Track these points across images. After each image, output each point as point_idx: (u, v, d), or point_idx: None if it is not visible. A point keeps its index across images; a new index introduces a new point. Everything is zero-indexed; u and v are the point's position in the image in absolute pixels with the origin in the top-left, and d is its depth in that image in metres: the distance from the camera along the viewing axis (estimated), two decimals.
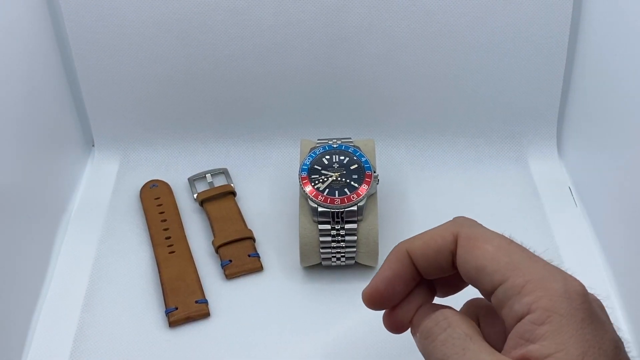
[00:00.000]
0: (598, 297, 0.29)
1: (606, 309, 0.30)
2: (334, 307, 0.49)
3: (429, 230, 0.33)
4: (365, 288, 0.34)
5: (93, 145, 0.63)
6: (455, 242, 0.31)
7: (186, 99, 0.60)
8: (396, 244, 0.34)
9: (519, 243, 0.31)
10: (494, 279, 0.29)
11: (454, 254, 0.31)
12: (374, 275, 0.53)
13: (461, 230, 0.31)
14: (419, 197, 0.58)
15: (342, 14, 0.56)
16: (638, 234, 0.47)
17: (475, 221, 0.32)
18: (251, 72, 0.58)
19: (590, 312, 0.27)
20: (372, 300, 0.34)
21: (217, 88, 0.59)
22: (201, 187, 0.59)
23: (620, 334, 0.45)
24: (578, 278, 0.53)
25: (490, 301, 0.30)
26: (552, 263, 0.30)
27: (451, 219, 0.34)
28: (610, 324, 0.28)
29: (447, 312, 0.30)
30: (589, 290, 0.29)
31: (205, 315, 0.49)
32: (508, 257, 0.29)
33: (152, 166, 0.61)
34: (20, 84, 0.51)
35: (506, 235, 0.31)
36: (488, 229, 0.31)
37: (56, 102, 0.58)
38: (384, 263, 0.34)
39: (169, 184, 0.59)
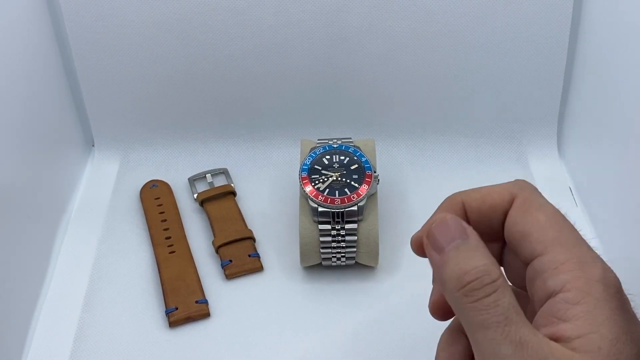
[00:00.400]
0: (631, 296, 0.29)
1: None
2: (334, 307, 0.49)
3: (488, 185, 0.32)
4: (415, 233, 0.33)
5: (93, 145, 0.63)
6: (512, 202, 0.31)
7: (186, 99, 0.60)
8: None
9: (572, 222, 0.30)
10: (536, 248, 0.29)
11: (506, 215, 0.31)
12: (374, 275, 0.53)
13: (520, 192, 0.31)
14: (419, 197, 0.58)
15: (342, 14, 0.56)
16: (638, 234, 0.47)
17: (536, 188, 0.32)
18: (251, 72, 0.58)
19: (624, 302, 0.27)
20: (419, 245, 0.33)
21: (217, 88, 0.59)
22: (201, 187, 0.59)
23: None
24: None
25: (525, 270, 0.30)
26: None
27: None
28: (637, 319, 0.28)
29: (493, 271, 0.28)
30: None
31: (206, 315, 0.49)
32: (557, 231, 0.29)
33: (152, 166, 0.61)
34: (20, 84, 0.51)
35: (562, 212, 0.31)
36: (545, 199, 0.31)
37: (56, 102, 0.58)
38: (436, 210, 0.34)
39: (169, 184, 0.59)
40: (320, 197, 0.48)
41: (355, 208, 0.48)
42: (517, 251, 0.30)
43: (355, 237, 0.49)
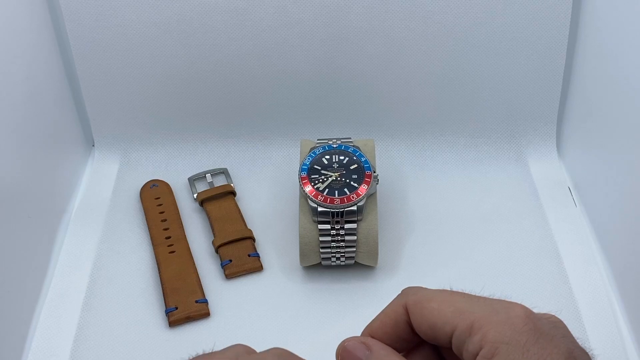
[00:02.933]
0: (553, 314, 0.31)
1: (565, 324, 0.31)
2: (334, 307, 0.49)
3: (383, 310, 0.34)
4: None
5: (93, 145, 0.63)
6: (407, 312, 0.33)
7: (186, 99, 0.60)
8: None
9: (460, 290, 0.32)
10: (446, 330, 0.30)
11: (410, 323, 0.33)
12: (373, 275, 0.53)
13: (408, 299, 0.33)
14: (419, 197, 0.58)
15: (342, 14, 0.56)
16: (638, 233, 0.47)
17: (421, 287, 0.34)
18: (251, 72, 0.58)
19: (535, 331, 0.28)
20: None
21: (217, 88, 0.59)
22: (201, 187, 0.59)
23: (619, 334, 0.45)
24: (578, 278, 0.53)
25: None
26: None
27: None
28: (565, 337, 0.29)
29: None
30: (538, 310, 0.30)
31: (205, 315, 0.49)
32: (452, 306, 0.31)
33: (152, 166, 0.61)
34: (20, 84, 0.51)
35: (447, 288, 0.33)
36: (432, 289, 0.33)
37: (56, 102, 0.58)
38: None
39: (169, 183, 0.59)
40: (319, 197, 0.48)
41: (354, 208, 0.48)
42: (438, 344, 0.32)
43: (355, 237, 0.49)
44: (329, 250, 0.49)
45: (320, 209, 0.48)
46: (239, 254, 0.53)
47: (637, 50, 0.47)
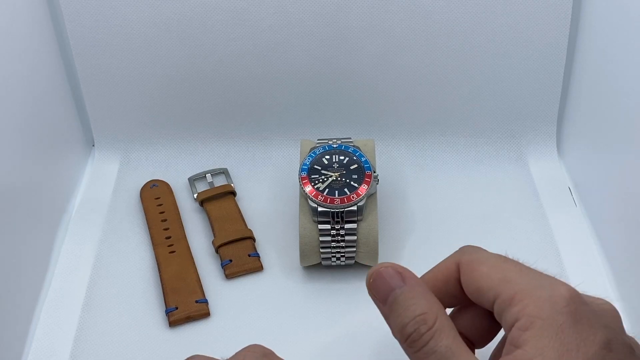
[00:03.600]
0: (608, 301, 0.30)
1: (618, 312, 0.31)
2: (334, 307, 0.49)
3: (437, 264, 0.35)
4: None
5: (93, 145, 0.63)
6: (459, 270, 0.33)
7: (186, 98, 0.60)
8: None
9: (516, 259, 0.32)
10: (490, 295, 0.31)
11: (460, 282, 0.33)
12: None
13: (462, 258, 0.33)
14: (419, 197, 0.58)
15: (342, 14, 0.56)
16: (638, 233, 0.47)
17: (479, 247, 0.34)
18: (251, 72, 0.58)
19: (575, 314, 0.28)
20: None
21: (217, 88, 0.59)
22: (201, 187, 0.59)
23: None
24: (578, 278, 0.53)
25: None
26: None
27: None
28: (607, 327, 0.29)
29: (429, 317, 0.30)
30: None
31: (206, 315, 0.49)
32: (501, 273, 0.31)
33: (152, 166, 0.61)
34: (20, 84, 0.51)
35: (503, 254, 0.33)
36: (488, 252, 0.33)
37: (56, 102, 0.58)
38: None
39: (169, 183, 0.59)
40: (319, 197, 0.48)
41: (354, 208, 0.48)
42: (482, 306, 0.32)
43: (355, 237, 0.49)
44: (329, 250, 0.49)
45: (320, 209, 0.48)
46: (239, 254, 0.53)
47: (638, 50, 0.47)
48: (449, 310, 0.35)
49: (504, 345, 0.30)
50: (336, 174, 0.50)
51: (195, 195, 0.58)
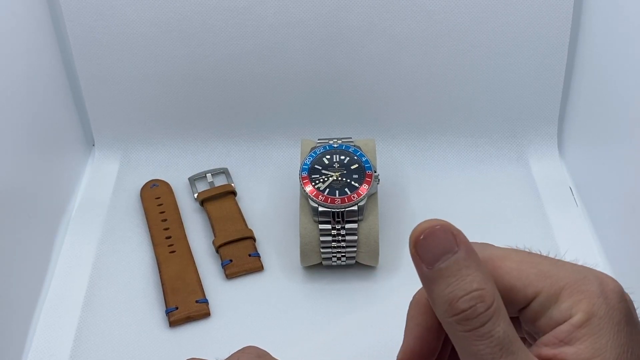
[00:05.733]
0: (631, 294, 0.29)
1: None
2: (334, 307, 0.49)
3: None
4: (399, 353, 0.31)
5: (93, 145, 0.63)
6: None
7: (187, 98, 0.60)
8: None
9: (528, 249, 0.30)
10: (527, 293, 0.28)
11: None
12: (374, 275, 0.53)
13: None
14: (420, 197, 0.58)
15: (342, 14, 0.55)
16: (638, 233, 0.47)
17: (486, 243, 0.31)
18: (252, 71, 0.58)
19: (627, 312, 0.27)
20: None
21: (217, 88, 0.59)
22: (202, 186, 0.59)
23: None
24: None
25: (517, 315, 0.29)
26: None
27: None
28: None
29: (487, 296, 0.26)
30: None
31: (206, 314, 0.49)
32: (535, 267, 0.28)
33: (152, 166, 0.61)
34: (20, 84, 0.51)
35: (514, 247, 0.30)
36: (500, 247, 0.30)
37: (57, 102, 0.58)
38: (407, 321, 0.32)
39: (170, 183, 0.59)
40: (320, 196, 0.48)
41: (355, 208, 0.48)
42: (508, 306, 0.28)
43: (356, 237, 0.49)
44: (330, 250, 0.49)
45: (320, 208, 0.48)
46: (240, 254, 0.53)
47: (638, 51, 0.47)
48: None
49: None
50: (337, 173, 0.50)
51: (195, 195, 0.58)
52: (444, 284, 0.27)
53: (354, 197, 0.48)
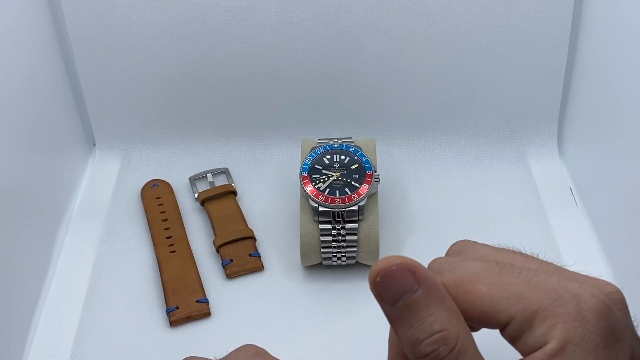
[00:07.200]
0: (616, 288, 0.27)
1: (624, 298, 0.28)
2: (334, 307, 0.49)
3: None
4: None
5: (94, 145, 0.63)
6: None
7: (187, 98, 0.60)
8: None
9: (508, 247, 0.28)
10: (501, 319, 0.26)
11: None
12: None
13: (444, 278, 0.28)
14: (420, 197, 0.58)
15: (342, 14, 0.56)
16: (638, 233, 0.47)
17: (451, 258, 0.29)
18: (252, 71, 0.58)
19: (606, 333, 0.25)
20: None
21: (218, 88, 0.59)
22: (202, 186, 0.59)
23: None
24: None
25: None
26: (554, 263, 0.28)
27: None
28: (627, 329, 0.26)
29: (451, 336, 0.26)
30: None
31: (206, 314, 0.49)
32: (506, 291, 0.26)
33: (153, 166, 0.61)
34: (21, 84, 0.51)
35: (490, 244, 0.29)
36: (468, 262, 0.28)
37: (57, 102, 0.58)
38: (388, 347, 0.31)
39: (170, 183, 0.59)
40: (320, 196, 0.48)
41: (355, 208, 0.48)
42: (488, 327, 0.28)
43: (356, 237, 0.49)
44: (330, 250, 0.49)
45: (321, 208, 0.48)
46: (240, 254, 0.53)
47: (638, 51, 0.47)
48: None
49: None
50: (337, 173, 0.50)
51: (196, 195, 0.58)
52: (406, 325, 0.26)
53: (354, 197, 0.48)
